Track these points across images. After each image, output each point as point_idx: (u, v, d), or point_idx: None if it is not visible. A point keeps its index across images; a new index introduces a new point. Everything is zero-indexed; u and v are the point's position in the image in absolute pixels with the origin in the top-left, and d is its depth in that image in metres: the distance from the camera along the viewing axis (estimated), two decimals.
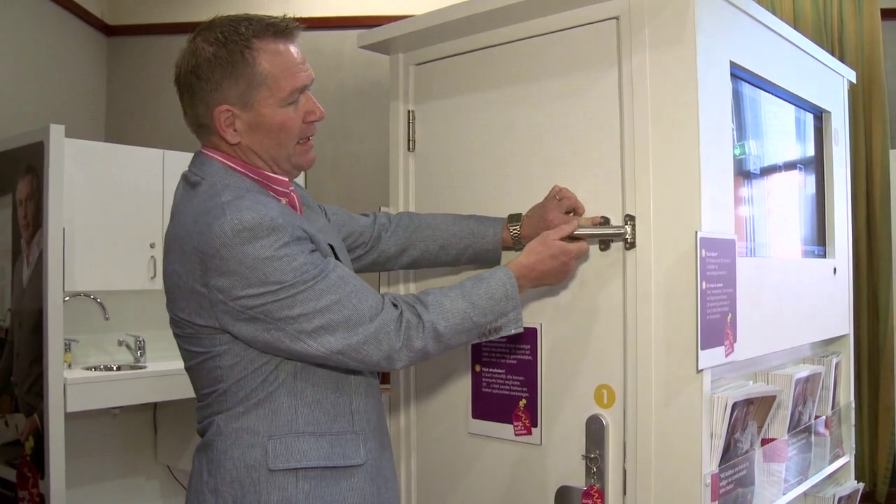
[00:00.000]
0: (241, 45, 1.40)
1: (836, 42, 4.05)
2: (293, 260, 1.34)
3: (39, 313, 3.25)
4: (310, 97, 1.49)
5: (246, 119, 1.43)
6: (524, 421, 1.82)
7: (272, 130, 1.44)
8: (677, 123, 1.60)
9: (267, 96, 1.42)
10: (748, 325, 1.70)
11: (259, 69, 1.41)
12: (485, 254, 1.82)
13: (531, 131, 1.84)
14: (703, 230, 1.55)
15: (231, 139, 1.44)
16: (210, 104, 1.42)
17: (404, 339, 1.39)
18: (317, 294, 1.35)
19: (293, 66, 1.44)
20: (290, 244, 1.35)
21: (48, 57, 4.51)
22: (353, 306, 1.37)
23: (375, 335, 1.38)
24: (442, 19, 1.90)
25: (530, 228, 1.75)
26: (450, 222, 1.84)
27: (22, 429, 3.37)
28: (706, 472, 1.57)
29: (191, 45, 1.43)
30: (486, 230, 1.81)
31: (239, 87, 1.41)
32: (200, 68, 1.41)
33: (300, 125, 1.47)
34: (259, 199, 1.40)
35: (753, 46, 1.86)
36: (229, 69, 1.40)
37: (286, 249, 1.34)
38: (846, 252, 2.38)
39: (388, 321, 1.39)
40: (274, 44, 1.43)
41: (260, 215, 1.34)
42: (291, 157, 1.49)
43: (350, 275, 1.42)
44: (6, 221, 3.50)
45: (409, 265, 1.88)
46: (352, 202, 4.56)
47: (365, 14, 4.94)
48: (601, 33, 1.72)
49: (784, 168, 2.14)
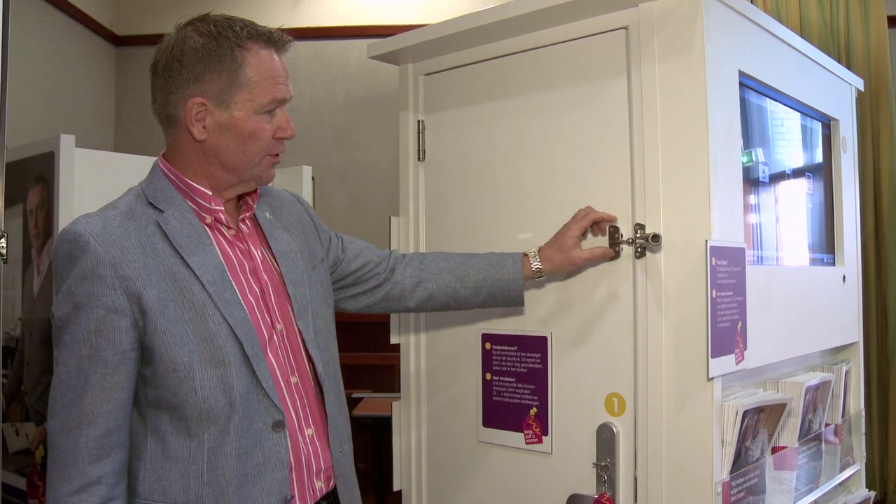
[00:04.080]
0: (233, 41, 1.38)
1: (842, 50, 4.05)
2: (74, 301, 1.31)
3: (49, 322, 3.26)
4: (285, 113, 1.45)
5: (218, 118, 1.39)
6: (535, 429, 1.82)
7: (241, 136, 1.40)
8: (686, 132, 1.61)
9: (245, 99, 1.39)
10: (758, 333, 1.70)
11: (244, 70, 1.38)
12: (505, 286, 1.73)
13: (541, 141, 1.85)
14: (712, 239, 1.56)
15: (197, 135, 1.40)
16: (185, 94, 1.38)
17: None
18: (56, 354, 1.34)
19: (277, 76, 1.42)
20: (89, 281, 1.30)
21: (57, 67, 4.54)
22: (61, 396, 1.32)
23: (53, 446, 1.32)
24: (451, 30, 1.91)
25: (550, 259, 1.72)
26: (467, 256, 1.78)
27: (32, 438, 3.38)
28: (717, 481, 1.57)
29: (179, 33, 1.40)
30: (506, 260, 1.74)
31: (220, 83, 1.38)
32: (185, 55, 1.38)
33: (269, 139, 1.43)
34: (123, 218, 1.36)
35: (761, 55, 1.87)
36: (215, 62, 1.37)
37: (79, 286, 1.31)
38: (855, 260, 2.38)
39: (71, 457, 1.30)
40: (265, 50, 1.41)
41: (90, 229, 1.32)
42: (254, 167, 1.44)
43: (89, 373, 1.31)
44: (17, 231, 3.51)
45: (425, 300, 1.76)
46: (359, 210, 4.57)
47: (372, 24, 4.96)
48: (610, 43, 1.73)
49: (792, 176, 2.14)
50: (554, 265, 1.72)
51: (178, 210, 1.40)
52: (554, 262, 1.71)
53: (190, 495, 1.35)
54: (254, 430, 1.37)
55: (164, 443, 1.36)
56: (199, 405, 1.34)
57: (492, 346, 1.90)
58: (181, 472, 1.35)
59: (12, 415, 3.54)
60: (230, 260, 1.43)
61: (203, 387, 1.34)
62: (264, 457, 1.39)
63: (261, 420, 1.38)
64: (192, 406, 1.34)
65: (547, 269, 1.72)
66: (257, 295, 1.44)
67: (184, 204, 1.42)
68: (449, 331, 2.01)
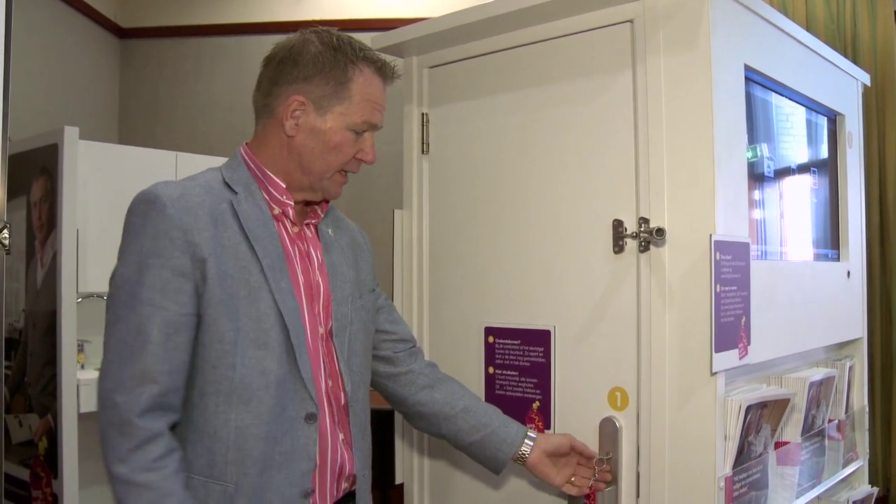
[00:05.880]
0: (349, 56, 1.46)
1: (849, 45, 4.04)
2: (143, 256, 1.34)
3: (53, 314, 3.27)
4: (372, 139, 1.52)
5: (312, 120, 1.46)
6: (538, 423, 1.82)
7: (327, 144, 1.47)
8: (692, 126, 1.61)
9: (342, 112, 1.46)
10: (762, 328, 1.70)
11: (350, 86, 1.46)
12: (499, 444, 1.66)
13: (545, 134, 1.84)
14: (717, 233, 1.56)
15: (288, 130, 1.46)
16: (290, 89, 1.46)
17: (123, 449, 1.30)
18: (114, 315, 1.36)
19: (377, 102, 1.49)
20: (160, 239, 1.34)
21: (61, 59, 4.54)
22: (118, 356, 1.34)
23: (111, 406, 1.32)
24: (456, 22, 1.90)
25: (537, 457, 1.66)
26: (481, 400, 1.75)
27: (35, 429, 3.39)
28: (720, 475, 1.57)
29: (302, 35, 1.49)
30: (512, 423, 1.69)
31: (324, 90, 1.45)
32: (302, 56, 1.45)
33: (350, 156, 1.50)
34: (202, 191, 1.41)
35: (767, 49, 1.86)
36: (327, 70, 1.45)
37: (150, 243, 1.34)
38: (860, 255, 2.37)
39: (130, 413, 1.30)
40: (374, 75, 1.49)
41: (168, 194, 1.37)
42: (326, 178, 1.50)
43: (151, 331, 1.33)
44: (20, 223, 3.52)
45: (424, 410, 1.70)
46: (363, 203, 4.57)
47: (377, 17, 4.95)
48: (615, 37, 1.72)
49: (797, 171, 2.14)
50: (534, 463, 1.66)
51: (251, 195, 1.47)
52: (537, 464, 1.66)
53: (214, 471, 1.38)
54: (286, 418, 1.40)
55: (195, 415, 1.38)
56: (234, 381, 1.37)
57: (495, 339, 1.90)
58: (207, 447, 1.38)
59: (16, 406, 3.55)
60: (289, 253, 1.48)
61: (243, 364, 1.37)
62: (292, 446, 1.41)
63: (294, 409, 1.41)
64: (228, 382, 1.37)
65: (528, 461, 1.66)
66: (311, 294, 1.49)
67: (257, 191, 1.48)
68: (451, 324, 2.01)
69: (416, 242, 2.08)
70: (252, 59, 5.95)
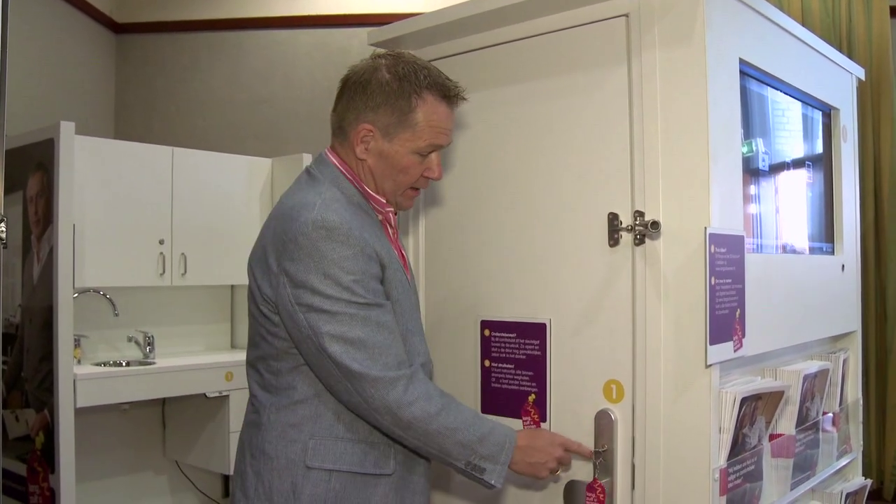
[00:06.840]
0: (413, 87, 1.53)
1: (844, 39, 4.05)
2: (349, 275, 1.44)
3: (49, 309, 3.27)
4: (438, 157, 1.61)
5: (380, 146, 1.56)
6: (533, 416, 1.83)
7: (395, 167, 1.57)
8: (687, 120, 1.61)
9: (407, 139, 1.55)
10: (757, 321, 1.71)
11: (415, 115, 1.54)
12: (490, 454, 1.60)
13: (541, 128, 1.85)
14: (712, 226, 1.56)
15: (359, 154, 1.57)
16: (360, 117, 1.55)
17: (403, 401, 1.45)
18: (351, 321, 1.44)
19: (441, 127, 1.57)
20: (359, 258, 1.45)
21: (57, 54, 4.54)
22: (378, 348, 1.45)
23: (384, 381, 1.44)
24: (451, 17, 1.91)
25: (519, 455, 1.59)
26: None
27: (32, 424, 3.40)
28: (714, 467, 1.58)
29: (374, 62, 1.58)
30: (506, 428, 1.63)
31: (391, 119, 1.54)
32: (370, 85, 1.54)
33: (417, 176, 1.59)
34: (351, 210, 1.52)
35: (762, 43, 1.86)
36: (393, 100, 1.53)
37: (351, 263, 1.44)
38: (854, 249, 2.38)
39: (401, 377, 1.46)
40: (438, 102, 1.56)
41: (342, 220, 1.46)
42: (396, 195, 1.61)
43: (391, 326, 1.49)
44: (17, 218, 3.52)
45: None
46: None
47: (373, 12, 4.95)
48: (611, 31, 1.73)
49: (792, 165, 2.15)
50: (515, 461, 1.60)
51: (366, 205, 1.59)
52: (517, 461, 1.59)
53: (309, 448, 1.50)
54: None
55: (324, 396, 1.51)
56: None
57: (491, 332, 1.91)
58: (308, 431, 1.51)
59: (13, 401, 3.55)
60: (395, 254, 1.60)
61: (417, 353, 1.58)
62: None
63: None
64: None
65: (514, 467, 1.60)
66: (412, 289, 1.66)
67: (364, 202, 1.59)
68: (448, 317, 2.01)
69: (412, 236, 2.09)
70: (248, 55, 5.98)
